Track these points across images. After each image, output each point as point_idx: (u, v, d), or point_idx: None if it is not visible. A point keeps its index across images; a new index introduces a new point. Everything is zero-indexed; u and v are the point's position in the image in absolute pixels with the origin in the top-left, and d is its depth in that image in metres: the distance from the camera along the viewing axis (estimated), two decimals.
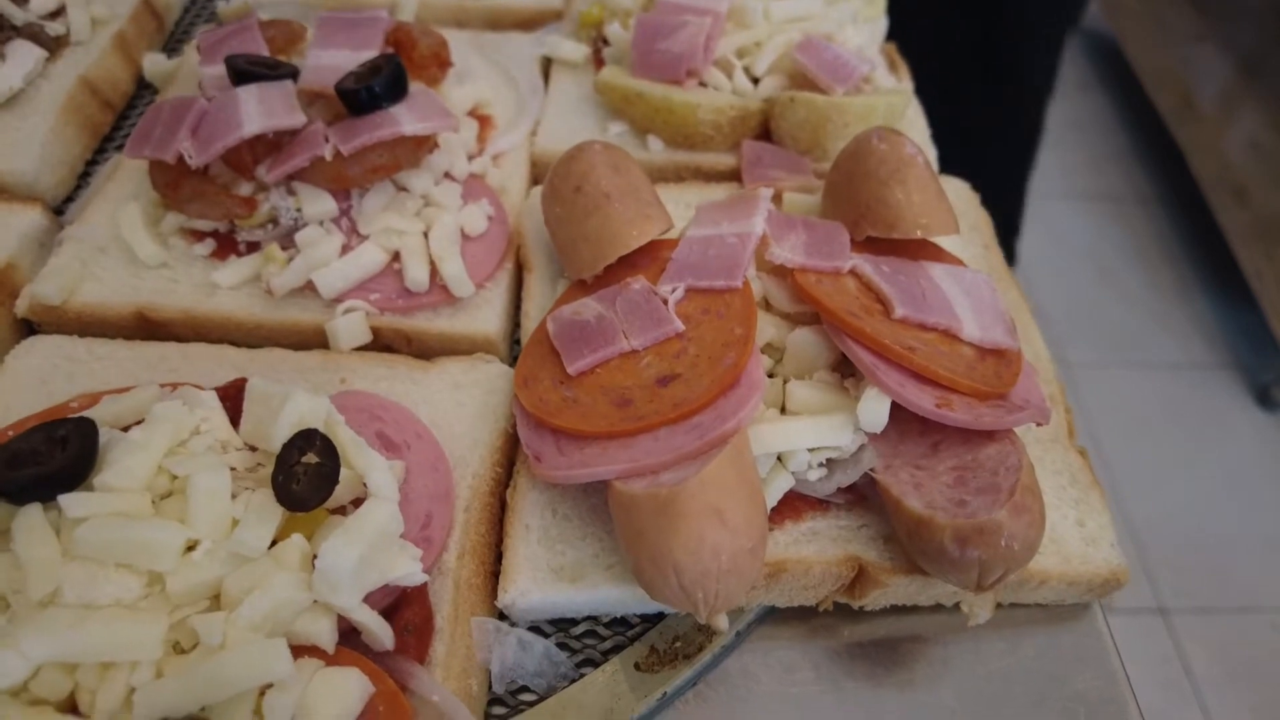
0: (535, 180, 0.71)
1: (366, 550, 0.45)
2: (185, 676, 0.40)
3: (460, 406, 0.56)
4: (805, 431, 0.50)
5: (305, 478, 0.47)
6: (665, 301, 0.54)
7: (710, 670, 0.52)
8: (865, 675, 0.54)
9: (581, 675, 0.50)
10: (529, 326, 0.61)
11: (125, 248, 0.63)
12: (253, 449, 0.50)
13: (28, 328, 0.62)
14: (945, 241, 0.61)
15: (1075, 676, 0.54)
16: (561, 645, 0.51)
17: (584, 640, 0.52)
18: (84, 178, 0.74)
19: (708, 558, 0.43)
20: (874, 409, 0.49)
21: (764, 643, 0.54)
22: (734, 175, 0.72)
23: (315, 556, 0.44)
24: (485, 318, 0.61)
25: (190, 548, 0.44)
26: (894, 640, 0.55)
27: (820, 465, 0.51)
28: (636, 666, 0.51)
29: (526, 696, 0.49)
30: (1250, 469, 2.05)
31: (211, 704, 0.40)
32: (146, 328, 0.61)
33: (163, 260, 0.63)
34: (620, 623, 0.53)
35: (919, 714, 0.52)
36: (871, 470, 0.51)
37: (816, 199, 0.66)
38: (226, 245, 0.63)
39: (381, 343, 0.61)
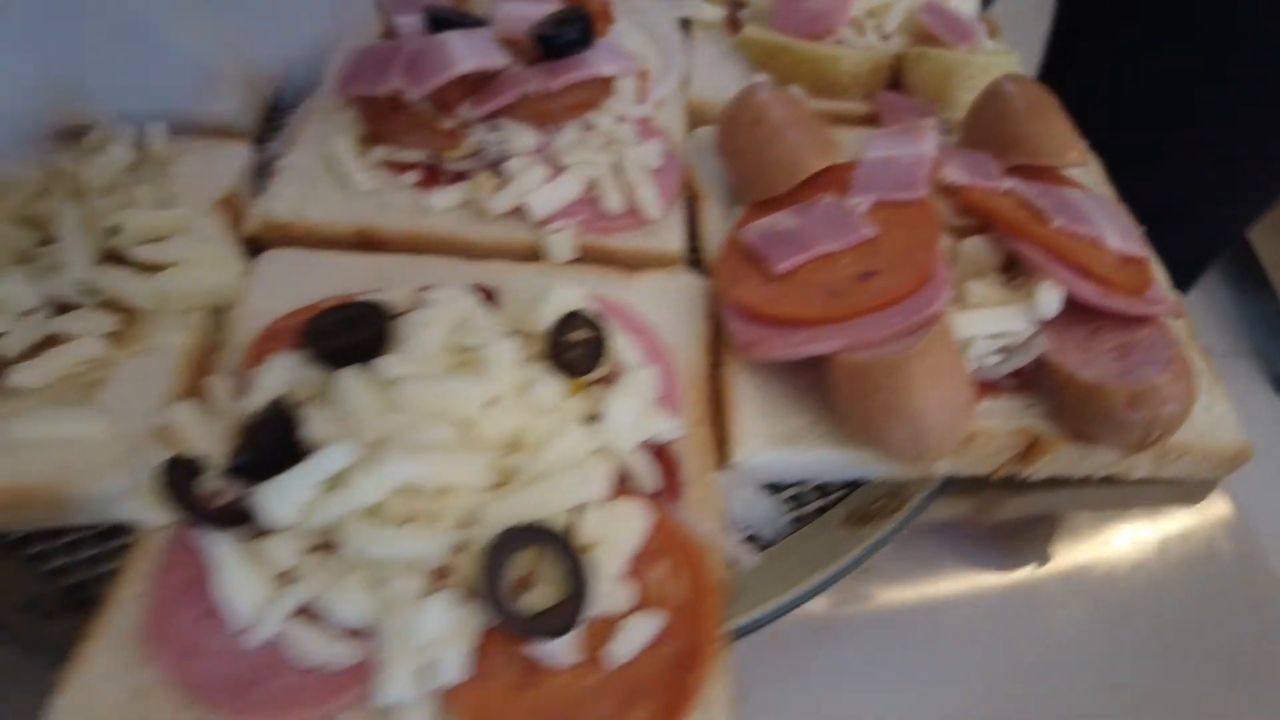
0: (693, 124, 0.81)
1: (641, 406, 0.55)
2: (512, 498, 0.50)
3: (666, 308, 0.66)
4: (988, 320, 0.61)
5: (579, 349, 0.57)
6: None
7: (901, 529, 0.62)
8: (1026, 541, 0.64)
9: (796, 530, 0.60)
10: (707, 245, 0.72)
11: (336, 177, 0.73)
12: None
13: (252, 249, 0.71)
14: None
15: (1215, 542, 0.65)
16: None
17: (791, 503, 0.62)
18: (267, 122, 0.83)
19: (935, 409, 0.54)
20: (1049, 298, 0.60)
21: (941, 512, 0.65)
22: (867, 121, 0.83)
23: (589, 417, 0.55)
24: (670, 238, 0.71)
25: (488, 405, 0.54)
26: (1050, 516, 0.66)
27: (997, 352, 0.62)
28: (842, 523, 0.61)
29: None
30: (1268, 455, 2.20)
31: (531, 518, 0.49)
32: (365, 245, 0.70)
33: (374, 187, 0.72)
34: (820, 491, 0.63)
35: (1073, 578, 0.63)
36: (1041, 354, 0.61)
37: (948, 140, 0.78)
38: (431, 175, 0.73)
39: (582, 259, 0.71)
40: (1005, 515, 0.66)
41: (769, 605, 0.56)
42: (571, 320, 0.57)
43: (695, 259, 0.73)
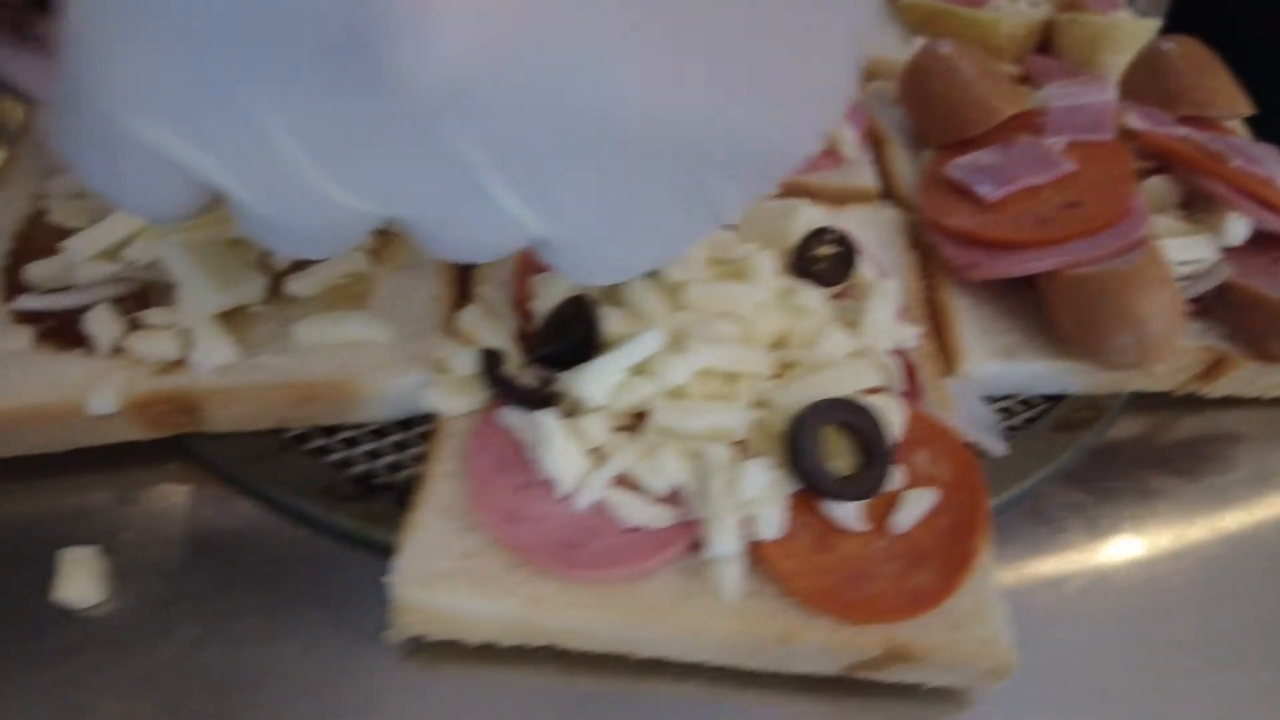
0: (864, 79, 0.89)
1: (891, 314, 0.62)
2: (797, 384, 0.57)
3: (872, 237, 0.73)
4: (1179, 248, 0.69)
5: (825, 262, 0.64)
6: None
7: (1100, 435, 0.70)
8: (1209, 459, 0.72)
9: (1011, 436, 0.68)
10: (897, 182, 0.79)
11: None
12: None
13: None
14: None
15: None
16: None
17: (1002, 414, 0.69)
18: None
19: (1158, 315, 0.62)
20: (1238, 227, 0.68)
21: (1125, 430, 0.72)
22: (1020, 81, 0.90)
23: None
24: (865, 175, 0.79)
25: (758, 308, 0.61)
26: (1231, 435, 0.73)
27: (1183, 279, 0.70)
28: (1051, 430, 0.68)
29: None
30: None
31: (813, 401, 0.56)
32: None
33: None
34: (1025, 404, 0.70)
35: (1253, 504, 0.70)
36: (1225, 279, 0.69)
37: None
38: None
39: (786, 194, 0.78)
40: (1180, 434, 0.73)
41: (1020, 487, 0.64)
42: (819, 235, 0.64)
43: (883, 195, 0.80)
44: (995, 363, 0.67)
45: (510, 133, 0.36)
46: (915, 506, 0.55)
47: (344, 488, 0.61)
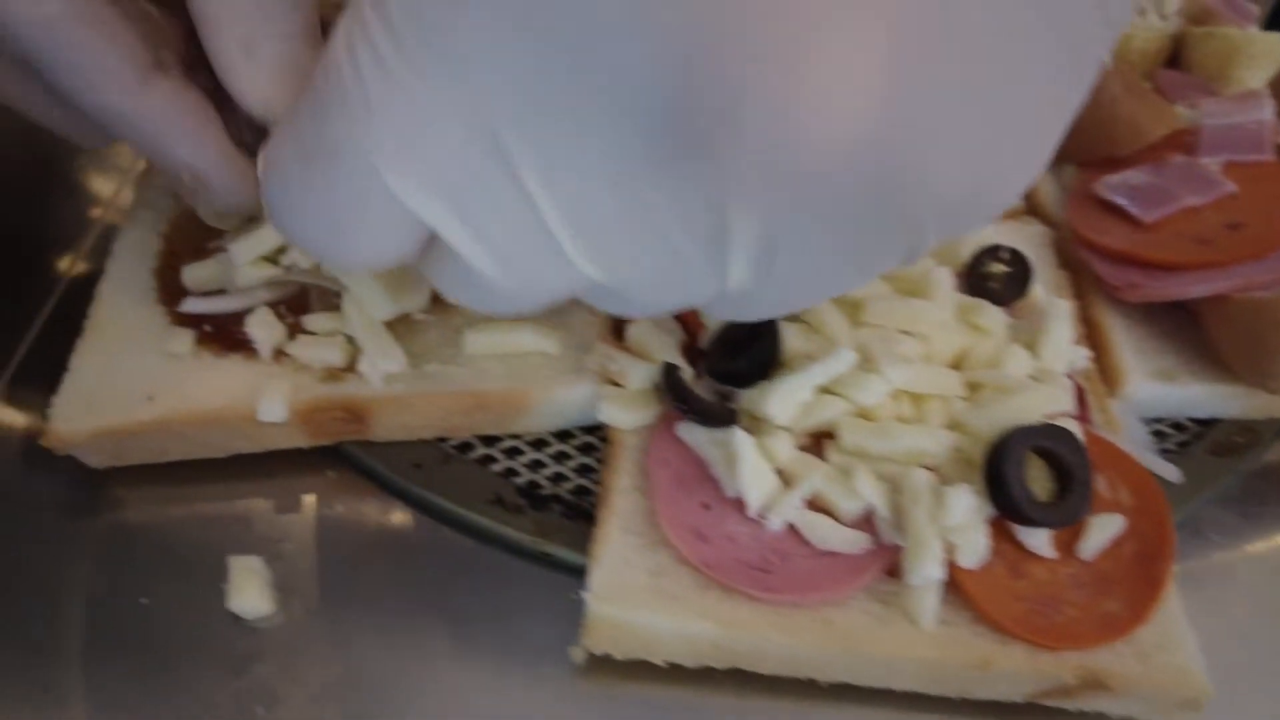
0: None
1: (1068, 334, 0.62)
2: (991, 406, 0.57)
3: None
4: None
5: (998, 280, 0.64)
6: None
7: (1257, 460, 0.70)
8: None
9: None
10: (1039, 199, 0.79)
11: None
12: None
13: None
14: None
15: None
16: None
17: (1155, 437, 0.69)
18: None
19: None
20: None
21: (1278, 454, 0.72)
22: None
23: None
24: None
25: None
26: None
27: None
28: (1206, 454, 0.68)
29: None
30: None
31: (1008, 425, 0.55)
32: None
33: None
34: (1176, 428, 0.70)
35: None
36: None
37: None
38: None
39: None
40: None
41: (1182, 512, 0.64)
42: (992, 252, 0.64)
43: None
44: (1154, 384, 0.67)
45: (801, 208, 0.33)
46: (1102, 533, 0.55)
47: (511, 498, 0.61)
